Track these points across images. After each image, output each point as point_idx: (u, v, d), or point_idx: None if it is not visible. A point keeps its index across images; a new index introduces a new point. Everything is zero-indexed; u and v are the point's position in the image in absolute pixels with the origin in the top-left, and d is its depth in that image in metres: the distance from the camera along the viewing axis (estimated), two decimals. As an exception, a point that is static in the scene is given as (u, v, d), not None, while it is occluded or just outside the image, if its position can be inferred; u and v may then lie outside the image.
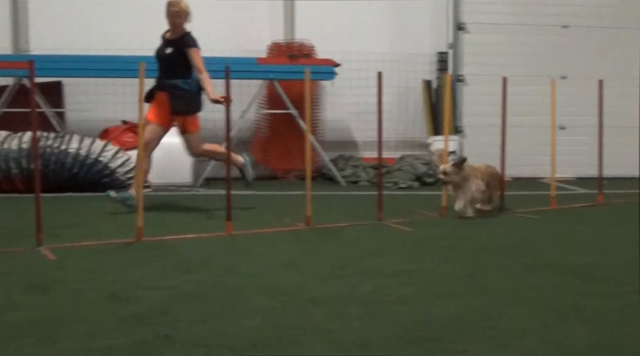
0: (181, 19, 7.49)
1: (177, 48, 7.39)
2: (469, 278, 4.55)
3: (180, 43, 7.41)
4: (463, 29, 12.28)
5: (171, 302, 3.90)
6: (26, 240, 5.62)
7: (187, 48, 7.36)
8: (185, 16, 7.51)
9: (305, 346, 3.18)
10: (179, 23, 7.49)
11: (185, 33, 7.50)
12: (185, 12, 7.51)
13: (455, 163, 7.19)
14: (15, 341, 3.19)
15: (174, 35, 7.53)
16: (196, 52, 7.39)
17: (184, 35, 7.46)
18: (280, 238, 6.12)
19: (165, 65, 7.46)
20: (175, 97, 7.38)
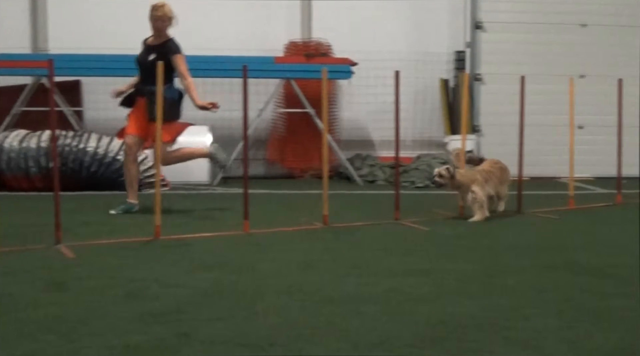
0: (164, 23, 7.33)
1: (161, 55, 7.13)
2: (487, 278, 4.53)
3: (165, 49, 7.23)
4: (481, 28, 12.25)
5: (189, 300, 3.91)
6: (45, 238, 5.66)
7: (171, 54, 7.19)
8: (169, 20, 7.35)
9: (323, 345, 3.18)
10: (162, 27, 7.33)
11: (169, 39, 7.35)
12: (169, 17, 7.34)
13: (448, 168, 7.11)
14: (36, 338, 3.21)
15: (157, 40, 7.37)
16: (181, 58, 7.26)
17: (168, 41, 7.32)
18: (297, 237, 6.12)
19: (148, 72, 7.12)
20: (153, 103, 6.91)
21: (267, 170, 12.33)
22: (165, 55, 7.11)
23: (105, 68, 11.07)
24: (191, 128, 10.97)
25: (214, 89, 11.89)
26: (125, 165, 7.59)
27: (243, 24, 12.20)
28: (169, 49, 7.24)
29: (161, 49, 7.25)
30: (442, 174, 7.07)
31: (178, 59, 7.23)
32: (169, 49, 7.24)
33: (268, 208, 7.87)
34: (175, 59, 7.21)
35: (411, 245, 5.78)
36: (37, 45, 12.04)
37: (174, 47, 7.28)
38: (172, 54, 7.20)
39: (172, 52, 7.23)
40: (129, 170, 7.50)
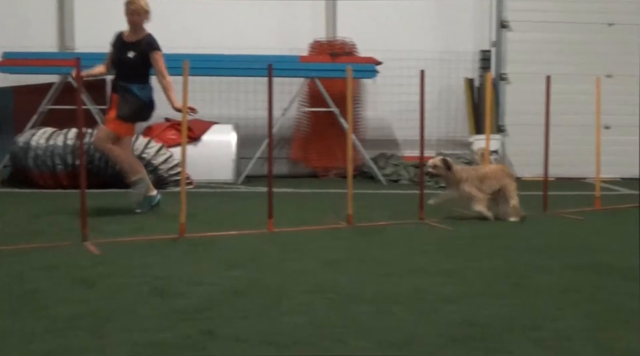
0: (140, 17, 7.06)
1: (141, 52, 6.99)
2: (513, 278, 4.50)
3: (144, 46, 7.02)
4: (506, 27, 12.17)
5: (214, 298, 3.93)
6: (72, 235, 5.71)
7: (151, 51, 6.98)
8: (145, 14, 7.09)
9: (348, 344, 3.18)
10: (137, 21, 7.06)
11: (147, 34, 7.10)
12: (145, 10, 7.08)
13: (444, 159, 7.00)
14: (64, 334, 3.25)
15: (134, 36, 7.10)
16: (160, 55, 7.01)
17: (147, 37, 7.07)
18: (322, 236, 6.12)
19: (124, 69, 7.04)
20: (124, 100, 6.98)
21: (291, 169, 12.34)
22: (143, 53, 6.97)
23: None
24: (216, 126, 11.05)
25: (238, 88, 11.95)
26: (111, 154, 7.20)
27: (268, 23, 12.22)
28: (149, 45, 7.01)
29: (139, 46, 7.02)
30: (437, 164, 6.96)
31: (157, 56, 7.00)
32: (148, 46, 7.01)
33: (292, 207, 7.87)
34: (155, 56, 6.98)
35: (436, 244, 5.76)
36: (64, 44, 12.14)
37: (153, 43, 7.03)
38: (151, 51, 6.98)
39: (152, 48, 6.99)
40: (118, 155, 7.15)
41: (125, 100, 6.97)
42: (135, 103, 7.01)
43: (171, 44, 11.21)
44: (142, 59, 7.00)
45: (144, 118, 7.39)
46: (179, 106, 6.82)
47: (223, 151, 10.73)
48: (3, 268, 4.66)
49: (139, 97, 7.00)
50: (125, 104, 6.98)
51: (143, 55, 6.99)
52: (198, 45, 11.22)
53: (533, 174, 11.58)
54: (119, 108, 6.96)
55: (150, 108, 7.23)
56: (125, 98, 6.98)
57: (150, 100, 7.17)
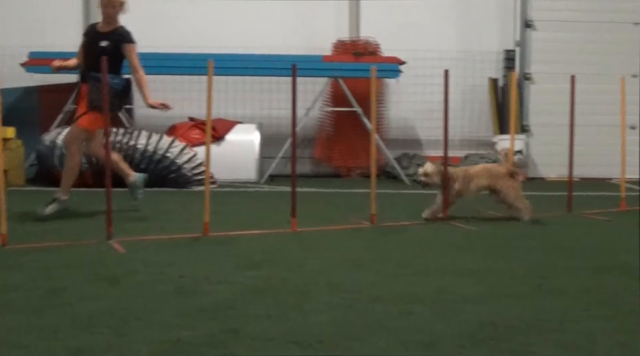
0: (115, 9, 6.89)
1: (114, 42, 6.80)
2: (537, 279, 4.48)
3: (118, 37, 6.84)
4: (531, 26, 12.11)
5: (238, 297, 3.95)
6: (96, 233, 5.77)
7: (125, 43, 6.81)
8: (120, 6, 6.91)
9: (371, 343, 3.18)
10: (112, 13, 6.89)
11: (121, 26, 6.93)
12: (120, 2, 6.89)
13: (435, 165, 6.86)
14: (88, 331, 3.28)
15: (108, 27, 6.91)
16: (134, 48, 6.86)
17: (121, 29, 6.91)
18: (345, 236, 6.13)
19: (96, 59, 6.55)
20: (95, 88, 6.67)
21: (314, 168, 12.37)
22: (117, 43, 6.80)
23: (155, 66, 11.18)
24: (239, 126, 11.09)
25: (262, 88, 11.99)
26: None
27: (291, 22, 12.25)
28: (122, 36, 6.85)
29: (113, 36, 6.85)
30: (428, 172, 6.81)
31: (131, 48, 6.83)
32: (121, 37, 6.85)
33: (315, 206, 7.88)
34: (128, 48, 6.81)
35: (459, 245, 5.74)
36: (89, 44, 12.23)
37: (128, 36, 6.88)
38: (124, 43, 6.82)
39: (127, 41, 6.83)
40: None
41: (96, 88, 6.64)
42: (109, 91, 6.50)
43: (195, 43, 11.36)
44: (114, 49, 6.78)
45: (116, 108, 7.01)
46: (151, 102, 6.80)
47: (246, 150, 10.78)
48: (29, 265, 4.72)
49: (112, 86, 6.64)
50: (97, 92, 6.63)
51: (116, 46, 6.78)
52: (222, 45, 11.30)
53: (557, 174, 11.53)
54: (89, 98, 6.74)
55: (122, 97, 6.97)
56: (96, 86, 6.62)
57: (122, 89, 6.89)
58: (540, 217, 7.08)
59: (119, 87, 6.84)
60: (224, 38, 11.71)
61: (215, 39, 11.60)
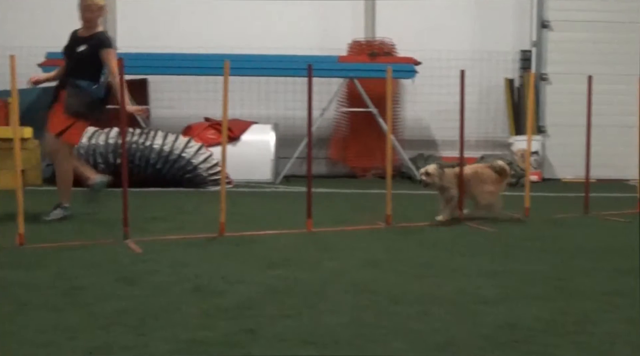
0: (93, 14, 6.69)
1: (92, 47, 6.62)
2: (556, 281, 4.45)
3: (96, 42, 6.65)
4: (547, 27, 12.07)
5: (255, 297, 3.95)
6: (113, 233, 5.79)
7: (103, 48, 6.61)
8: (99, 10, 6.72)
9: (389, 345, 3.18)
10: (90, 18, 6.69)
11: (101, 31, 6.76)
12: (98, 6, 6.69)
13: (439, 164, 6.78)
14: (107, 331, 3.29)
15: (87, 32, 6.73)
16: (112, 53, 6.66)
17: (100, 34, 6.73)
18: (361, 236, 6.12)
19: (74, 64, 6.66)
20: (73, 95, 6.57)
21: (329, 169, 12.37)
22: (95, 48, 6.61)
23: (172, 67, 11.25)
24: (255, 126, 11.11)
25: (277, 88, 12.00)
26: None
27: (307, 23, 12.26)
28: (101, 41, 6.65)
29: (91, 40, 6.66)
30: (430, 172, 6.70)
31: (109, 53, 6.61)
32: (100, 42, 6.65)
33: (330, 207, 7.88)
34: (106, 53, 6.59)
35: (477, 246, 5.72)
36: (105, 44, 12.29)
37: (106, 41, 6.70)
38: (103, 48, 6.61)
39: (105, 45, 6.64)
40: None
41: (74, 94, 6.55)
42: (85, 98, 6.56)
43: (211, 44, 11.39)
44: (92, 54, 6.60)
45: (93, 116, 6.79)
46: (129, 109, 6.59)
47: (262, 151, 10.80)
48: (47, 264, 4.74)
49: (88, 91, 6.56)
50: (74, 98, 6.56)
51: (94, 51, 6.60)
52: (238, 45, 11.31)
53: (573, 175, 11.48)
54: (66, 103, 6.56)
55: (100, 106, 6.77)
56: (74, 92, 6.56)
57: (101, 97, 6.70)
58: (557, 218, 7.04)
59: (97, 95, 6.67)
60: (240, 39, 11.73)
61: (231, 40, 11.62)
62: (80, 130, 6.76)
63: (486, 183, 6.91)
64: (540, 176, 11.81)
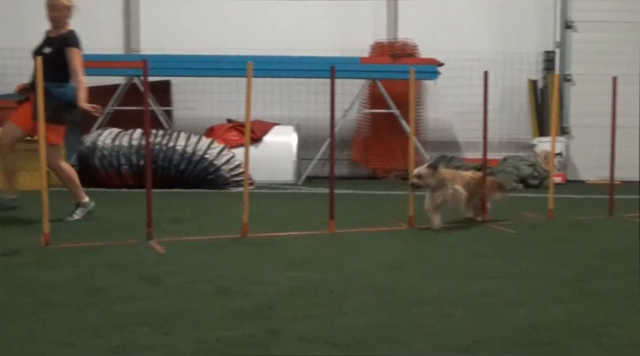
0: (60, 13, 6.58)
1: (57, 48, 6.53)
2: (578, 283, 4.43)
3: (62, 42, 6.55)
4: (571, 27, 11.99)
5: (277, 297, 3.96)
6: (137, 234, 5.84)
7: (67, 47, 6.50)
8: (66, 10, 6.61)
9: (411, 346, 3.17)
10: (58, 17, 6.59)
11: (69, 31, 6.63)
12: (65, 6, 6.59)
13: (430, 165, 6.56)
14: (131, 330, 3.31)
15: (55, 32, 6.65)
16: (77, 52, 6.52)
17: (67, 33, 6.60)
18: (383, 238, 6.12)
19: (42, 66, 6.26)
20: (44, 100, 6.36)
21: (351, 170, 12.37)
22: (60, 49, 6.52)
23: (195, 68, 11.31)
24: (277, 128, 11.14)
25: (299, 89, 12.02)
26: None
27: (329, 24, 12.28)
28: (67, 41, 6.54)
29: (58, 41, 6.58)
30: (422, 174, 6.46)
31: (73, 52, 6.49)
32: (66, 41, 6.54)
33: (353, 208, 7.88)
34: (70, 52, 6.48)
35: (499, 247, 5.70)
36: (129, 47, 12.40)
37: (71, 40, 6.56)
38: (68, 47, 6.50)
39: (69, 44, 6.51)
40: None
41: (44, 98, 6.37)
42: (53, 103, 6.38)
43: (234, 45, 11.43)
44: (57, 54, 6.50)
45: (64, 120, 6.67)
46: (84, 106, 6.44)
47: (284, 152, 10.83)
48: (71, 264, 4.79)
49: (55, 96, 6.44)
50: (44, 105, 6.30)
51: (59, 51, 6.50)
52: (260, 47, 11.34)
53: (598, 177, 11.41)
54: (36, 111, 6.21)
55: (70, 109, 6.61)
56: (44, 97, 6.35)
57: (69, 100, 6.55)
58: (580, 220, 6.99)
59: (65, 98, 6.53)
60: (262, 40, 11.77)
61: (253, 41, 11.66)
62: (57, 131, 6.58)
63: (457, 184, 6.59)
64: (564, 178, 11.74)
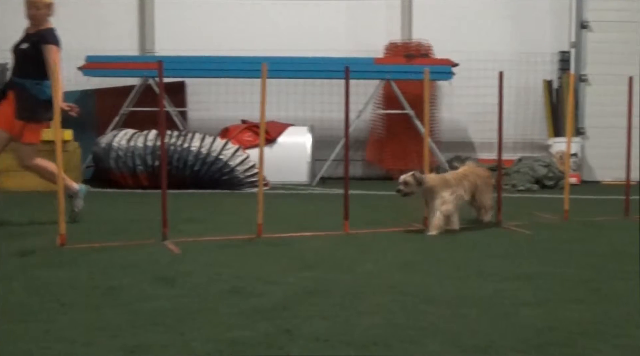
0: (38, 11, 6.47)
1: (34, 44, 6.43)
2: (594, 284, 4.40)
3: (39, 38, 6.43)
4: (586, 27, 11.93)
5: (292, 298, 3.96)
6: (152, 234, 5.86)
7: (43, 44, 6.38)
8: (45, 7, 6.49)
9: (426, 346, 3.17)
10: (35, 15, 6.48)
11: (47, 28, 6.53)
12: (44, 3, 6.46)
13: (414, 175, 6.35)
14: (147, 330, 3.33)
15: (33, 29, 6.53)
16: (54, 50, 6.39)
17: (44, 30, 6.49)
18: (397, 238, 6.11)
19: (19, 62, 6.50)
20: (20, 99, 6.41)
21: (365, 171, 12.36)
22: (36, 45, 6.42)
23: (209, 69, 11.34)
24: (291, 128, 11.15)
25: (313, 90, 12.03)
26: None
27: (343, 25, 12.28)
28: (44, 38, 6.42)
29: (35, 37, 6.47)
30: (408, 181, 6.33)
31: (51, 49, 6.36)
32: (43, 38, 6.42)
33: (367, 209, 7.88)
34: (47, 49, 6.35)
35: (513, 248, 5.68)
36: (144, 48, 12.45)
37: (49, 37, 6.44)
38: (44, 43, 6.38)
39: (46, 41, 6.39)
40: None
41: (20, 98, 6.42)
42: (30, 100, 6.39)
43: (248, 47, 11.45)
44: (34, 50, 6.41)
45: (42, 118, 6.55)
46: (60, 105, 6.09)
47: (298, 153, 10.84)
48: (87, 265, 4.81)
49: (32, 94, 6.39)
50: (21, 103, 6.42)
51: (36, 47, 6.41)
52: (274, 47, 11.36)
53: (613, 178, 11.34)
54: (16, 110, 6.43)
55: (47, 106, 6.33)
56: (20, 96, 6.42)
57: (46, 98, 6.36)
58: (596, 221, 6.95)
59: (42, 95, 6.41)
60: (277, 41, 11.78)
61: (267, 42, 11.68)
62: (34, 130, 6.51)
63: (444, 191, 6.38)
64: (580, 178, 11.68)
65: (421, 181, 6.32)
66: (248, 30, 12.15)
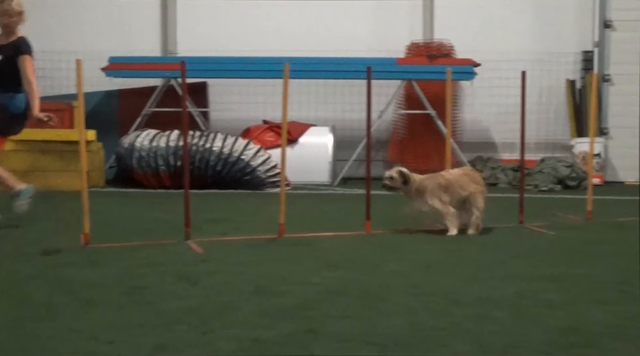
0: (12, 19, 6.41)
1: (8, 55, 6.38)
2: (618, 285, 4.37)
3: (13, 49, 6.40)
4: (610, 27, 11.84)
5: (314, 298, 3.97)
6: (175, 234, 5.89)
7: (19, 55, 6.35)
8: (18, 16, 6.43)
9: (450, 347, 3.16)
10: (9, 23, 6.42)
11: (19, 37, 6.47)
12: (17, 11, 6.41)
13: (401, 172, 6.35)
14: (170, 328, 3.35)
15: (6, 39, 6.46)
16: (29, 60, 6.37)
17: (17, 40, 6.44)
18: (420, 239, 6.10)
19: None
20: None
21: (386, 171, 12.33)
22: (11, 57, 6.38)
23: (231, 70, 11.38)
24: (313, 129, 11.16)
25: (335, 90, 12.04)
26: None
27: (365, 25, 12.27)
28: (17, 48, 6.38)
29: (9, 48, 6.41)
30: (393, 177, 6.36)
31: (25, 60, 6.34)
32: (17, 49, 6.38)
33: (388, 209, 7.85)
34: (22, 60, 6.33)
35: (537, 249, 5.65)
36: (166, 49, 12.52)
37: (23, 47, 6.41)
38: (20, 55, 6.35)
39: (21, 52, 6.36)
40: None
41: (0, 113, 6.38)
42: (3, 114, 6.38)
43: (270, 47, 11.49)
44: (9, 63, 6.37)
45: (14, 132, 6.62)
46: (38, 115, 6.29)
47: (320, 153, 10.84)
48: (111, 264, 4.85)
49: (5, 107, 6.37)
50: None
51: (11, 60, 6.37)
52: (296, 48, 11.38)
53: (637, 178, 11.24)
54: None
55: (22, 120, 6.50)
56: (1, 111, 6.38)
57: (20, 111, 6.43)
58: (619, 221, 6.90)
59: (16, 109, 6.42)
60: (299, 41, 11.80)
61: (289, 43, 11.70)
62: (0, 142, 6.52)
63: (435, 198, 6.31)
64: (603, 179, 11.58)
65: (407, 178, 6.32)
66: (270, 31, 12.18)
